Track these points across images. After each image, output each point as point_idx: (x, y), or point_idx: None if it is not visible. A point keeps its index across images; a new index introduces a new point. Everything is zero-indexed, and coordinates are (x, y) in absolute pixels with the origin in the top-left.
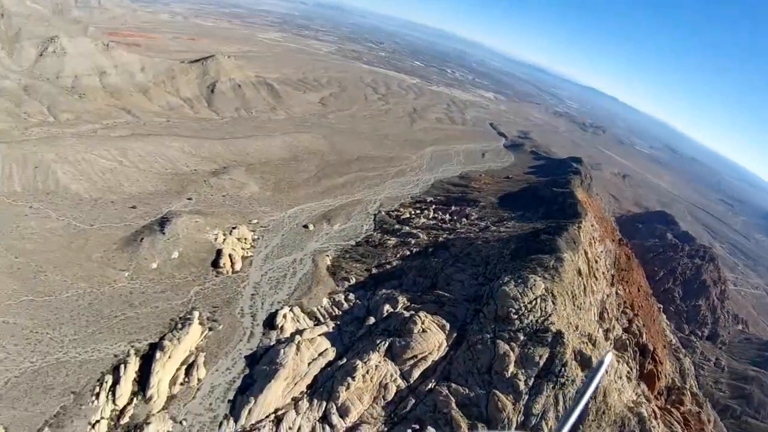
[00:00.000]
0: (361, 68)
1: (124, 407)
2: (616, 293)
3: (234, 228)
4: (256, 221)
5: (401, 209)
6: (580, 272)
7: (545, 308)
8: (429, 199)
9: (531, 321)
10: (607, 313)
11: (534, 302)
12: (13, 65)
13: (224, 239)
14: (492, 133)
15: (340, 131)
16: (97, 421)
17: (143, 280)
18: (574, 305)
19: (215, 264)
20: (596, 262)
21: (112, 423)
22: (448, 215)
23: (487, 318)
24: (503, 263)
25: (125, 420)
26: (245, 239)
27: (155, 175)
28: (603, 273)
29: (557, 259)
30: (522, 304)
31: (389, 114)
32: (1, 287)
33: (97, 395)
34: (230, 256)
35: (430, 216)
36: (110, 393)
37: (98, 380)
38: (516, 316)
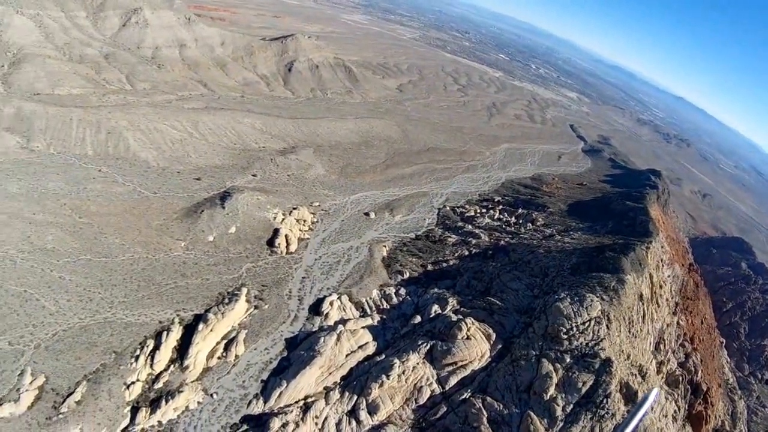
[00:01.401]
0: (443, 57)
1: (160, 373)
2: (677, 323)
3: (294, 209)
4: (317, 204)
5: (467, 206)
6: (641, 297)
7: (598, 332)
8: (497, 198)
9: (581, 343)
10: (664, 344)
11: (587, 324)
12: (96, 33)
13: (283, 219)
14: (571, 136)
15: (414, 120)
16: (133, 383)
17: (198, 251)
18: (629, 332)
19: (270, 243)
20: (661, 287)
21: (147, 386)
22: (513, 218)
23: (536, 333)
24: (562, 277)
25: (159, 385)
26: (304, 221)
27: (223, 149)
28: (666, 300)
29: (619, 281)
30: (574, 324)
31: (467, 106)
32: (63, 245)
33: (137, 358)
34: (286, 236)
35: (495, 216)
36: (149, 357)
37: (140, 344)
38: (566, 336)
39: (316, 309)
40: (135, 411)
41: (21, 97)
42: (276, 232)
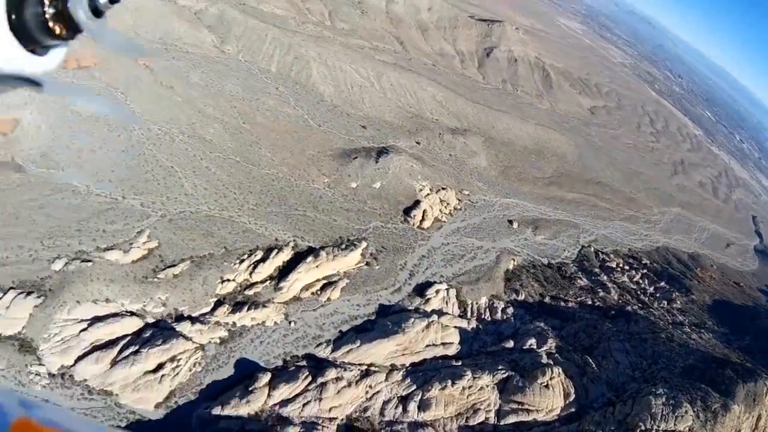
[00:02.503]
0: (647, 93)
1: (255, 283)
2: None
3: (443, 188)
4: (467, 192)
5: (611, 256)
6: None
7: None
8: (645, 261)
9: None
10: None
11: None
12: None
13: (428, 194)
14: (749, 228)
15: (594, 147)
16: (228, 280)
17: (337, 192)
18: None
19: (407, 212)
20: None
21: (238, 289)
22: (653, 288)
23: (614, 416)
24: (669, 372)
25: (249, 293)
26: (447, 204)
27: (398, 108)
28: None
29: (724, 406)
30: (656, 427)
31: (653, 154)
32: (220, 141)
33: (242, 261)
34: (425, 211)
35: (635, 279)
36: (252, 266)
37: (250, 251)
38: None
39: (421, 290)
40: (218, 304)
41: (227, 3)
42: (416, 203)
